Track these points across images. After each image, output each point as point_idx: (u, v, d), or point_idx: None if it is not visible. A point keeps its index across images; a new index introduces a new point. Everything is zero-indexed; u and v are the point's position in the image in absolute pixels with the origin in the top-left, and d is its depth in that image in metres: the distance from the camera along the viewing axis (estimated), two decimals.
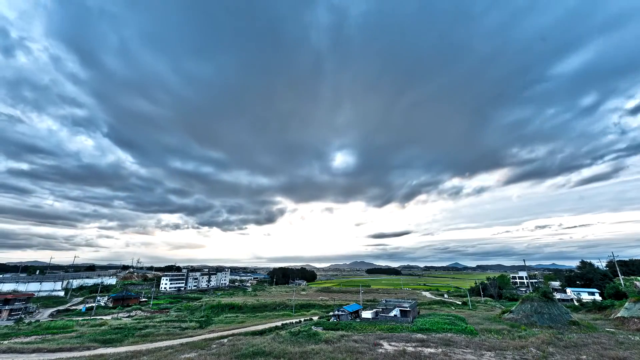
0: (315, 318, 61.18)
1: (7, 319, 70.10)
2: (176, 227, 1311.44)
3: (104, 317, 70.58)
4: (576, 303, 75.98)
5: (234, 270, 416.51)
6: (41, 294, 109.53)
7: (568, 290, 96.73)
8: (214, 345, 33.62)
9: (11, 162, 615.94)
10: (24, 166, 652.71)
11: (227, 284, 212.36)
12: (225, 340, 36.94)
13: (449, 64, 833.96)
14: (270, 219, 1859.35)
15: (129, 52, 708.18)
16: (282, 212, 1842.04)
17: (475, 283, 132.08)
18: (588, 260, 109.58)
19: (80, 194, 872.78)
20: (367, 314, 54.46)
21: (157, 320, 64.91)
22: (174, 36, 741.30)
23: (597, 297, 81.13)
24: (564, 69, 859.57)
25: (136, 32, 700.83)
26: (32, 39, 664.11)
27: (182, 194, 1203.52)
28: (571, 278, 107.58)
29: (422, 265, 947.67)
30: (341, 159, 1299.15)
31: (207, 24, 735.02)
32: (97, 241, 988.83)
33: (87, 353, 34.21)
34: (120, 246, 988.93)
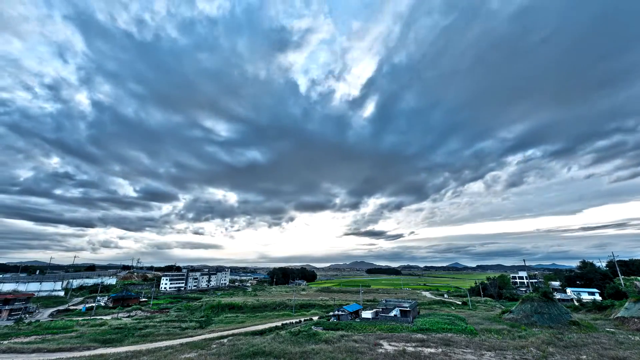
0: (315, 318, 61.15)
1: (7, 319, 70.09)
2: (196, 232, 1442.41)
3: (104, 317, 70.57)
4: (576, 303, 75.92)
5: (234, 270, 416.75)
6: (41, 294, 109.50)
7: (568, 290, 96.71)
8: (214, 345, 33.61)
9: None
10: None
11: (227, 284, 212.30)
12: (225, 340, 36.94)
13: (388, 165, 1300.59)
14: (278, 225, 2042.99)
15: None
16: (290, 219, 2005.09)
17: (475, 283, 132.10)
18: (588, 260, 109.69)
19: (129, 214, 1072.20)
20: (367, 314, 54.46)
21: (157, 320, 64.91)
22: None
23: (597, 297, 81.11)
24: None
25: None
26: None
27: (211, 212, 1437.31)
28: (571, 278, 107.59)
29: (422, 265, 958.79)
30: (339, 195, 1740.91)
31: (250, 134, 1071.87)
32: (117, 242, 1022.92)
33: (87, 353, 34.23)
34: (137, 247, 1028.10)
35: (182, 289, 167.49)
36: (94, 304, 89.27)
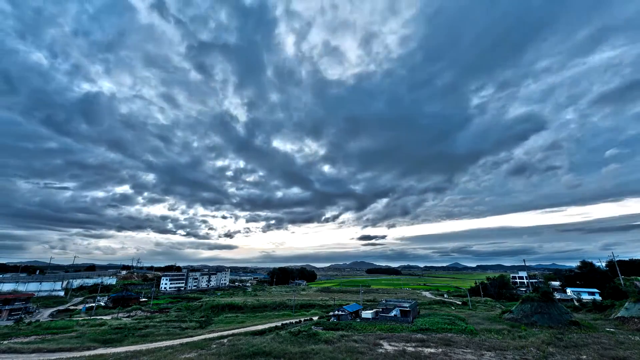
0: (315, 318, 61.15)
1: (7, 319, 70.07)
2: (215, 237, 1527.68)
3: (104, 317, 70.51)
4: (576, 303, 75.89)
5: (234, 270, 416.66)
6: (41, 294, 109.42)
7: (568, 290, 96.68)
8: (214, 345, 33.59)
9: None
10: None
11: (227, 284, 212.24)
12: (225, 340, 36.90)
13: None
14: (284, 230, 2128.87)
15: None
16: (295, 225, 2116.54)
17: (475, 283, 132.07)
18: (588, 260, 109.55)
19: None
20: (367, 314, 54.44)
21: (157, 320, 64.90)
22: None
23: (597, 297, 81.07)
24: None
25: None
26: None
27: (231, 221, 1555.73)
28: (571, 278, 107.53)
29: (422, 265, 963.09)
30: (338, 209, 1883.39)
31: None
32: (135, 243, 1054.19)
33: (87, 353, 34.23)
34: (149, 247, 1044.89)
35: (182, 289, 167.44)
36: (94, 304, 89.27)
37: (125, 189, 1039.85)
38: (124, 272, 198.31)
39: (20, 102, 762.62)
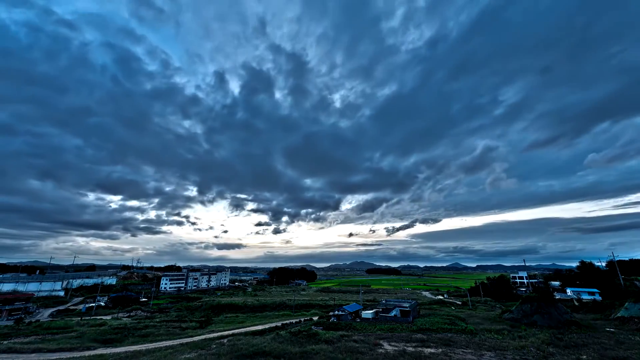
0: (315, 318, 61.11)
1: (7, 319, 70.08)
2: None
3: (104, 317, 70.56)
4: (576, 303, 75.82)
5: (234, 270, 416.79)
6: (41, 294, 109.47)
7: (568, 290, 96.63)
8: (214, 345, 33.55)
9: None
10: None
11: (227, 284, 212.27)
12: (225, 340, 36.86)
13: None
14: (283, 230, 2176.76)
15: None
16: (297, 225, 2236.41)
17: (475, 283, 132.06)
18: (588, 261, 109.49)
19: None
20: (367, 314, 54.42)
21: (157, 320, 64.96)
22: None
23: (597, 297, 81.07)
24: None
25: None
26: None
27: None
28: (571, 278, 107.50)
29: (422, 265, 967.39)
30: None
31: None
32: (144, 244, 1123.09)
33: (87, 353, 34.21)
34: (159, 247, 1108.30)
35: (182, 289, 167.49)
36: (94, 304, 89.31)
37: (156, 200, 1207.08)
38: (123, 272, 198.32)
39: (93, 143, 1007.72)
